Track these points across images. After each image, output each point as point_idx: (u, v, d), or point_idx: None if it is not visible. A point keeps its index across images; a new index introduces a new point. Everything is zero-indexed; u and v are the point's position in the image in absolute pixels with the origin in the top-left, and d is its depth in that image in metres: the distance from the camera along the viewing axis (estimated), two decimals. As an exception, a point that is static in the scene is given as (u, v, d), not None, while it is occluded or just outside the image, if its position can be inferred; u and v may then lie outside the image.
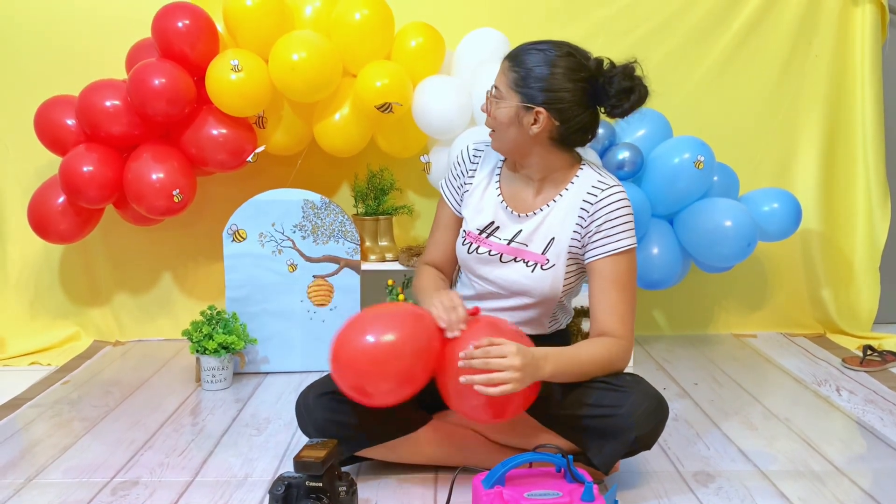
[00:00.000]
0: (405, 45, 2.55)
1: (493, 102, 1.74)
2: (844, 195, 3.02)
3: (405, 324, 1.60)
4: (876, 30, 2.91)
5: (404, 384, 1.59)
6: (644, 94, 1.72)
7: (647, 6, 2.91)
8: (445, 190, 1.92)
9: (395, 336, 1.57)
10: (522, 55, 1.71)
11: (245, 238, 2.54)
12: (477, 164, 1.88)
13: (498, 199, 1.82)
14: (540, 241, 1.77)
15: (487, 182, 1.85)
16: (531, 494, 1.53)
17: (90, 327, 2.97)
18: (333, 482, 1.53)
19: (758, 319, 3.08)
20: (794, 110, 2.97)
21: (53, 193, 2.60)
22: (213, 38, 2.50)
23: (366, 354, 1.57)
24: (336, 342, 1.61)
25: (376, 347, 1.56)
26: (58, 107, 2.58)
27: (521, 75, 1.69)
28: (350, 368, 1.59)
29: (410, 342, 1.58)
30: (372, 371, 1.57)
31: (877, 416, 2.20)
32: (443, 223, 1.92)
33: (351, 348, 1.59)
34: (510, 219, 1.80)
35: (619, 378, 1.71)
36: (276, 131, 2.63)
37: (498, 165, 1.86)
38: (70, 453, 1.98)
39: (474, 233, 1.83)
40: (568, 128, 1.71)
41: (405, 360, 1.57)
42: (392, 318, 1.61)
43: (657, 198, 2.54)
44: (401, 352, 1.56)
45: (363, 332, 1.59)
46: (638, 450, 1.70)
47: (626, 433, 1.65)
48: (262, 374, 2.59)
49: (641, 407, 1.65)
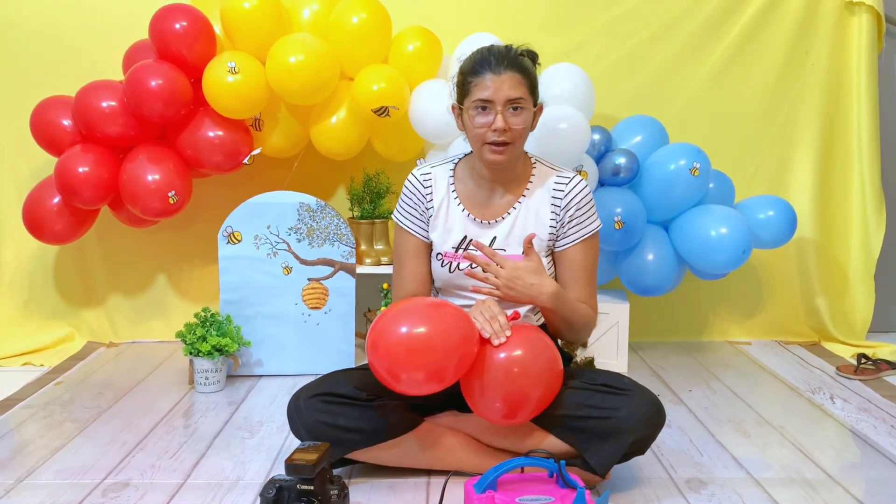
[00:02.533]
0: (402, 49, 2.56)
1: (519, 113, 1.75)
2: (840, 203, 3.02)
3: (449, 322, 1.63)
4: (872, 39, 2.92)
5: (434, 379, 1.62)
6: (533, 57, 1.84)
7: (644, 14, 2.92)
8: (405, 221, 1.90)
9: (437, 330, 1.60)
10: (519, 61, 1.77)
11: (240, 240, 2.54)
12: (430, 187, 1.89)
13: (464, 214, 1.86)
14: (516, 242, 1.82)
15: (447, 201, 1.88)
16: (523, 499, 1.52)
17: (84, 328, 2.96)
18: (325, 485, 1.52)
19: (752, 327, 3.08)
20: (791, 118, 2.98)
21: (49, 194, 2.60)
22: (210, 40, 2.50)
23: (404, 344, 1.59)
24: (379, 326, 1.63)
25: (414, 338, 1.59)
26: (54, 107, 2.58)
27: (531, 79, 1.77)
28: (388, 354, 1.61)
29: (451, 341, 1.61)
30: (407, 360, 1.59)
31: (870, 425, 2.20)
32: (410, 253, 1.90)
33: (392, 335, 1.61)
34: (481, 228, 1.85)
35: (619, 381, 1.76)
36: (272, 134, 2.63)
37: (450, 182, 1.88)
38: (61, 454, 1.97)
39: (450, 252, 1.85)
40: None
41: (440, 356, 1.59)
42: (438, 314, 1.64)
43: (653, 204, 2.55)
44: (438, 347, 1.59)
45: (407, 322, 1.61)
46: (633, 454, 1.72)
47: (624, 436, 1.67)
48: (255, 376, 2.58)
49: (641, 411, 1.69)
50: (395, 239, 1.93)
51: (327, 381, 1.79)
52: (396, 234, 1.92)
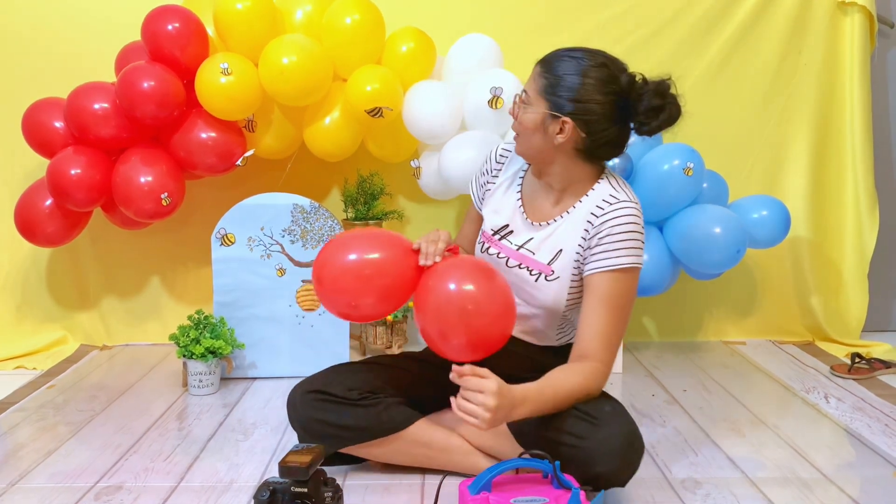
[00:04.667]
0: (396, 50, 2.55)
1: (521, 107, 1.70)
2: (833, 203, 3.03)
3: (385, 244, 1.68)
4: (864, 39, 2.93)
5: (384, 300, 1.67)
6: (675, 114, 1.66)
7: (637, 15, 2.92)
8: (472, 186, 1.94)
9: (377, 255, 1.66)
10: (555, 61, 1.66)
11: (233, 242, 2.53)
12: (503, 164, 1.87)
13: (517, 204, 1.81)
14: (547, 251, 1.74)
15: (509, 185, 1.85)
16: (518, 500, 1.52)
17: (77, 331, 2.95)
18: (319, 488, 1.51)
19: (747, 326, 3.08)
20: (784, 118, 2.99)
21: (41, 196, 2.59)
22: (202, 42, 2.49)
23: (349, 271, 1.65)
24: (319, 260, 1.69)
25: (359, 264, 1.66)
26: (46, 109, 2.56)
27: (551, 82, 1.65)
28: (334, 285, 1.67)
29: (388, 261, 1.67)
30: (355, 287, 1.65)
31: (865, 424, 2.20)
32: (469, 217, 1.98)
33: (335, 265, 1.67)
34: (524, 225, 1.79)
35: (596, 408, 1.63)
36: (265, 135, 2.63)
37: (522, 169, 1.84)
38: (54, 458, 1.96)
39: (488, 233, 1.84)
40: (594, 141, 1.66)
41: (377, 278, 1.65)
42: (373, 238, 1.70)
43: (647, 204, 2.53)
44: (375, 268, 1.65)
45: (347, 250, 1.67)
46: (606, 485, 1.60)
47: (588, 467, 1.57)
48: (249, 379, 2.57)
49: (608, 444, 1.57)
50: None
51: (324, 377, 1.81)
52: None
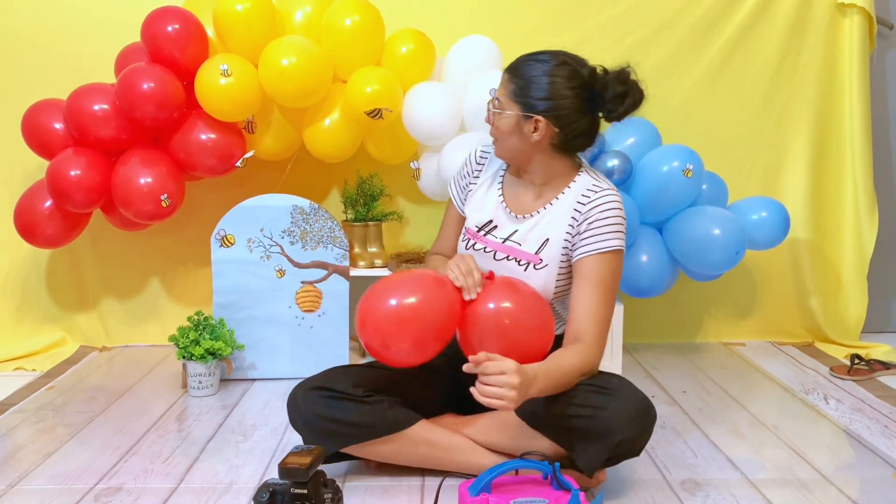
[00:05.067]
0: (396, 52, 2.55)
1: (495, 114, 1.80)
2: (832, 204, 3.03)
3: (428, 288, 1.68)
4: (864, 40, 2.93)
5: (426, 345, 1.67)
6: (639, 98, 1.77)
7: (637, 15, 2.92)
8: (453, 189, 1.99)
9: (418, 299, 1.66)
10: (521, 67, 1.77)
11: (233, 243, 2.53)
12: (483, 165, 1.95)
13: (499, 200, 1.88)
14: (533, 241, 1.81)
15: (490, 184, 1.92)
16: (517, 502, 1.52)
17: (77, 332, 2.95)
18: (319, 489, 1.51)
19: (746, 328, 3.08)
20: (783, 120, 2.99)
21: (40, 197, 2.59)
22: (202, 43, 2.49)
23: (390, 316, 1.66)
24: (363, 304, 1.70)
25: (400, 309, 1.65)
26: (46, 110, 2.56)
27: (520, 86, 1.75)
28: (375, 329, 1.68)
29: (432, 306, 1.66)
30: (396, 332, 1.65)
31: (864, 425, 2.20)
32: (449, 221, 2.02)
33: (376, 310, 1.67)
34: (508, 219, 1.86)
35: (605, 380, 1.72)
36: (265, 136, 2.63)
37: (502, 168, 1.92)
38: (53, 459, 1.96)
39: (473, 230, 1.89)
40: (567, 134, 1.76)
41: (427, 322, 1.66)
42: (416, 282, 1.69)
43: (646, 206, 2.55)
44: (423, 314, 1.65)
45: (389, 295, 1.67)
46: (624, 455, 1.70)
47: (610, 436, 1.64)
48: (249, 380, 2.57)
49: (627, 410, 1.65)
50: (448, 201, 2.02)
51: (327, 375, 1.82)
52: (449, 199, 2.02)
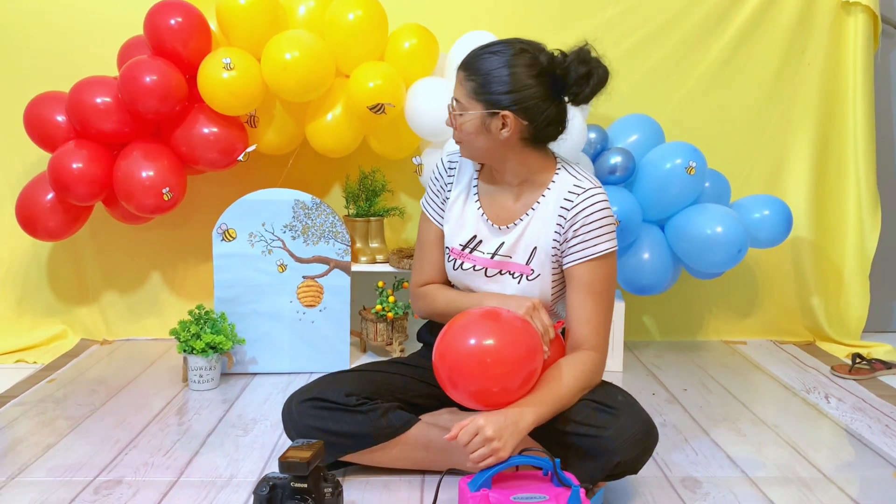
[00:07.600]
0: (399, 47, 2.55)
1: (456, 116, 1.69)
2: (835, 203, 3.02)
3: (524, 341, 1.59)
4: (868, 39, 2.92)
5: (509, 394, 1.59)
6: (603, 76, 1.66)
7: (641, 13, 2.91)
8: (428, 207, 1.86)
9: (518, 353, 1.57)
10: (476, 62, 1.65)
11: (235, 238, 2.53)
12: (454, 175, 1.83)
13: (479, 213, 1.78)
14: (522, 251, 1.74)
15: (466, 195, 1.81)
16: (518, 497, 1.52)
17: (77, 326, 2.95)
18: (319, 483, 1.52)
19: (748, 326, 3.08)
20: (787, 118, 2.98)
21: (42, 190, 2.59)
22: (205, 36, 2.49)
23: (474, 356, 1.56)
24: (453, 348, 1.59)
25: (485, 350, 1.56)
26: (48, 103, 2.56)
27: (480, 82, 1.63)
28: (457, 366, 1.58)
29: (526, 361, 1.59)
30: (477, 373, 1.56)
31: (865, 424, 2.20)
32: (431, 241, 1.86)
33: (467, 355, 1.57)
34: (492, 232, 1.77)
35: (610, 397, 1.67)
36: (267, 131, 2.62)
37: (474, 177, 1.81)
38: (53, 452, 1.96)
39: (457, 249, 1.80)
40: (537, 125, 1.66)
41: (508, 370, 1.57)
42: (519, 333, 1.59)
43: (648, 203, 2.54)
44: (508, 361, 1.56)
45: (484, 337, 1.57)
46: (621, 474, 1.65)
47: (610, 456, 1.59)
48: (249, 374, 2.57)
49: (629, 432, 1.60)
50: (419, 224, 1.90)
51: (319, 385, 1.77)
52: (421, 219, 1.89)
